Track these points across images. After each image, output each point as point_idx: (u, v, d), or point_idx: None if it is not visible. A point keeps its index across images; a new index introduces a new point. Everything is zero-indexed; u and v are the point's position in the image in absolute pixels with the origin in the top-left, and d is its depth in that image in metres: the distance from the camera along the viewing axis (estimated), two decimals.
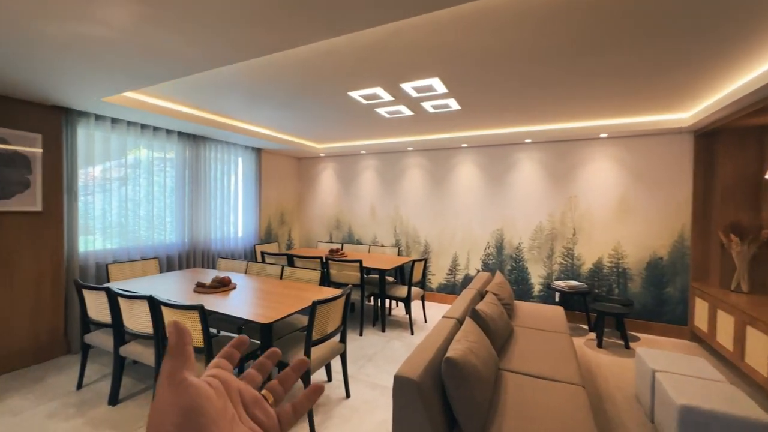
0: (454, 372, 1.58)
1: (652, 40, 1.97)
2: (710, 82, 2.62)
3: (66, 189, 3.13)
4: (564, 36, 1.92)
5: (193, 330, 2.02)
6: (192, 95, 3.10)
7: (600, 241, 4.12)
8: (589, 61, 2.25)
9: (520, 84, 2.67)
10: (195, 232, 4.21)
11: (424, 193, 5.16)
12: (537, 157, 4.43)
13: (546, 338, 2.72)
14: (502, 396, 1.87)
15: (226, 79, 2.67)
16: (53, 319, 3.02)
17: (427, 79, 2.58)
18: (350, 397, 2.51)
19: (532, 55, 2.16)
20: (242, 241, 4.95)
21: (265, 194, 5.49)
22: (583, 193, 4.19)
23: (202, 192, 4.31)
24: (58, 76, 2.32)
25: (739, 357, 2.76)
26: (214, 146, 4.48)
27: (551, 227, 4.37)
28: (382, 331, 3.82)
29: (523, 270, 4.52)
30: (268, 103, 3.28)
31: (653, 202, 3.87)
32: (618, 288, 4.04)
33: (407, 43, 2.03)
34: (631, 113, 3.45)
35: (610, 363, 3.15)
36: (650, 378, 2.29)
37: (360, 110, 3.44)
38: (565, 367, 2.21)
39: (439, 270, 5.04)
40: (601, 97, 2.99)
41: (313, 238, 6.14)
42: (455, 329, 2.18)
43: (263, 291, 2.73)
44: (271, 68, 2.43)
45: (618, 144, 4.02)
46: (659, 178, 3.84)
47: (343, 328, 2.50)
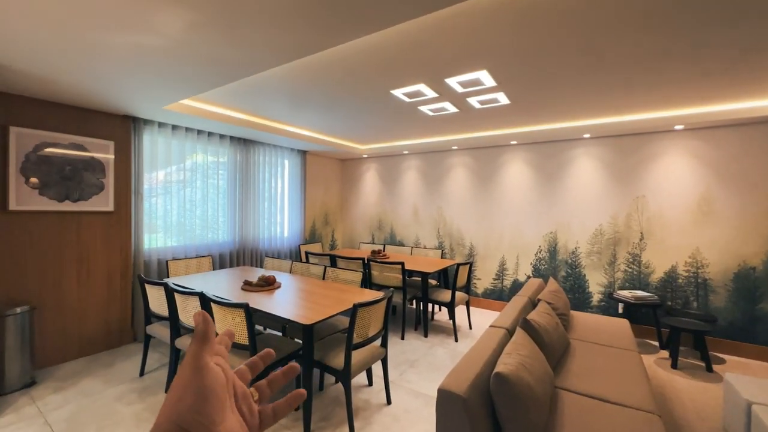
0: (504, 389, 1.44)
1: (746, 12, 1.65)
2: None
3: (133, 191, 3.42)
4: (635, 5, 1.68)
5: (238, 327, 2.08)
6: (241, 101, 3.23)
7: (674, 247, 3.63)
8: (664, 37, 1.96)
9: (578, 72, 2.42)
10: (244, 231, 4.41)
11: (469, 193, 4.95)
12: (596, 154, 4.04)
13: (609, 354, 2.43)
14: (560, 419, 1.67)
15: (270, 84, 2.74)
16: (122, 310, 3.31)
17: (474, 73, 2.43)
18: (391, 403, 2.44)
19: (594, 33, 1.93)
20: (288, 240, 5.10)
21: (310, 195, 5.63)
22: (653, 193, 3.73)
23: (251, 193, 4.51)
24: (125, 86, 2.53)
25: None
26: (262, 150, 4.67)
27: (614, 231, 3.94)
28: (425, 336, 3.69)
29: (579, 277, 4.14)
30: (312, 106, 3.33)
31: (741, 203, 3.33)
32: (697, 301, 3.53)
33: (452, 35, 1.91)
34: (712, 100, 2.99)
35: (689, 387, 2.75)
36: (745, 411, 1.94)
37: (403, 109, 3.36)
38: (636, 390, 1.94)
39: (485, 274, 4.80)
40: (677, 82, 2.61)
41: (356, 238, 6.18)
42: (505, 340, 2.01)
43: (306, 291, 2.75)
44: (313, 70, 2.44)
45: (696, 136, 3.52)
46: (748, 174, 3.30)
47: (384, 332, 2.43)
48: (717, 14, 1.69)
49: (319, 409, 2.36)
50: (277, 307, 2.32)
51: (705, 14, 1.69)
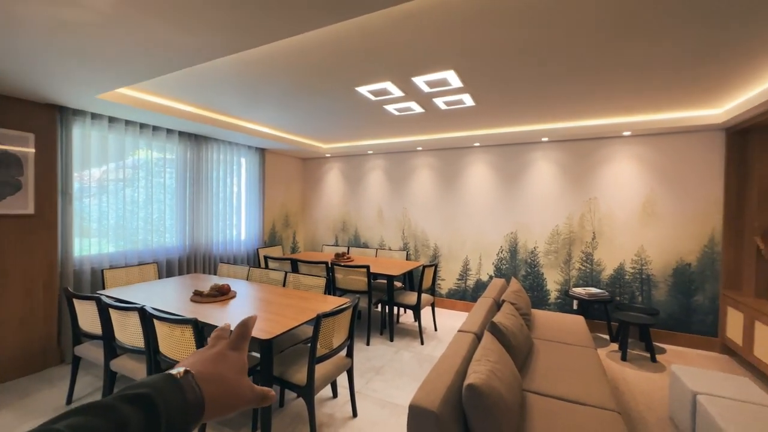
0: (477, 401, 1.38)
1: (686, 29, 1.75)
2: (747, 76, 2.38)
3: (61, 191, 2.99)
4: (589, 24, 1.72)
5: (186, 344, 1.85)
6: (192, 93, 2.94)
7: (622, 246, 3.87)
8: (614, 53, 2.04)
9: (540, 78, 2.46)
10: (196, 235, 4.06)
11: (433, 194, 4.96)
12: (554, 157, 4.21)
13: (570, 353, 2.51)
14: (529, 424, 1.66)
15: (225, 75, 2.50)
16: (45, 327, 2.88)
17: (441, 72, 2.38)
18: (357, 416, 2.32)
19: (554, 45, 1.95)
20: (245, 244, 4.79)
21: (269, 196, 5.33)
22: (604, 195, 3.96)
23: (204, 193, 4.16)
24: (47, 69, 2.17)
25: None
26: (217, 146, 4.33)
27: (569, 231, 4.13)
28: (391, 341, 3.62)
29: (538, 276, 4.29)
30: (271, 101, 3.11)
31: (680, 205, 3.62)
32: (642, 296, 3.79)
33: (421, 32, 1.84)
34: (657, 109, 3.22)
35: (638, 379, 2.92)
36: (690, 401, 2.07)
37: (368, 107, 3.25)
38: (597, 389, 1.99)
39: (449, 275, 4.83)
40: (625, 93, 2.76)
41: (319, 240, 5.97)
42: (473, 345, 1.98)
43: (264, 300, 2.55)
44: (275, 63, 2.26)
45: (642, 142, 3.78)
46: (687, 178, 3.60)
47: (350, 342, 2.31)
48: (659, 28, 1.77)
49: (279, 428, 2.19)
50: (231, 320, 2.11)
51: (650, 28, 1.76)
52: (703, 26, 1.76)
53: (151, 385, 0.36)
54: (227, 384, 0.42)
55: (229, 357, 0.44)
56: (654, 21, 1.72)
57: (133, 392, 0.35)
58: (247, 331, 0.48)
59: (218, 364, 0.43)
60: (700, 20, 1.71)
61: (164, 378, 0.38)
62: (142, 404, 0.34)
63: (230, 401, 0.42)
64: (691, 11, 1.63)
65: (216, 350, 0.45)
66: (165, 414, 0.35)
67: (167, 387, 0.37)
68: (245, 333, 0.47)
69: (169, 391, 0.36)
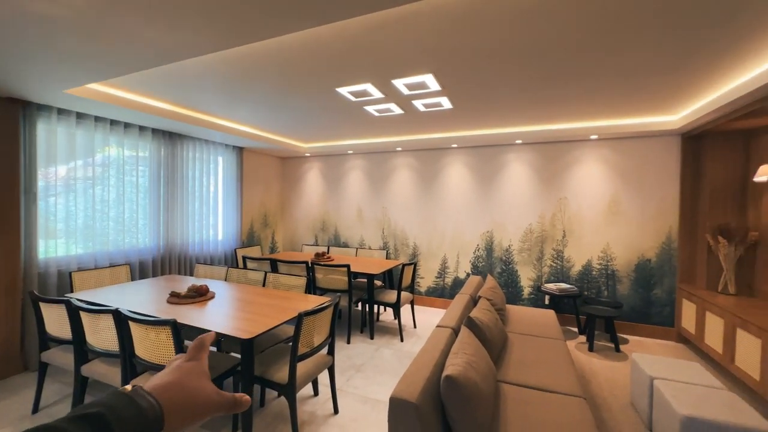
0: (455, 392, 1.46)
1: (646, 42, 1.90)
2: (700, 86, 2.60)
3: (23, 190, 2.84)
4: (561, 34, 1.83)
5: (163, 346, 1.82)
6: (167, 90, 2.87)
7: (589, 243, 4.10)
8: (584, 61, 2.18)
9: (514, 83, 2.58)
10: (171, 235, 3.95)
11: (412, 194, 5.04)
12: (527, 159, 4.39)
13: (541, 345, 2.64)
14: (503, 412, 1.76)
15: (204, 73, 2.47)
16: (7, 333, 2.73)
17: (420, 76, 2.45)
18: (338, 413, 2.36)
19: (528, 52, 2.07)
20: (222, 244, 4.70)
21: (247, 195, 5.25)
22: (573, 195, 4.17)
23: (179, 193, 4.05)
24: (11, 64, 2.07)
25: (729, 360, 2.76)
26: (192, 144, 4.23)
27: (541, 229, 4.33)
28: (371, 339, 3.67)
29: (513, 273, 4.47)
30: (251, 100, 3.08)
31: (641, 204, 3.88)
32: (607, 290, 4.03)
33: (400, 36, 1.89)
34: (620, 115, 3.43)
35: (603, 368, 3.11)
36: (648, 386, 2.24)
37: (348, 108, 3.28)
38: (565, 378, 2.12)
39: (428, 273, 4.94)
40: (592, 98, 2.94)
41: (298, 240, 5.93)
42: (451, 340, 2.06)
43: (244, 300, 2.54)
44: (254, 62, 2.25)
45: (607, 146, 4.01)
46: (647, 180, 3.85)
47: (331, 340, 2.34)
48: (623, 42, 1.91)
49: (260, 427, 2.19)
50: (210, 320, 2.09)
51: (615, 41, 1.90)
52: (662, 41, 1.91)
53: (102, 404, 0.35)
54: (187, 390, 0.41)
55: (184, 365, 0.44)
56: (620, 35, 1.85)
57: (82, 412, 0.33)
58: (202, 343, 0.48)
59: (173, 372, 0.43)
60: (659, 36, 1.86)
61: (114, 394, 0.37)
62: (93, 423, 0.33)
63: (194, 408, 0.41)
64: (651, 29, 1.77)
65: (171, 365, 0.45)
66: (120, 430, 0.33)
67: (119, 402, 0.35)
68: (201, 344, 0.47)
69: (122, 407, 0.35)
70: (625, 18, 1.69)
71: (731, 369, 2.74)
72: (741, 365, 2.63)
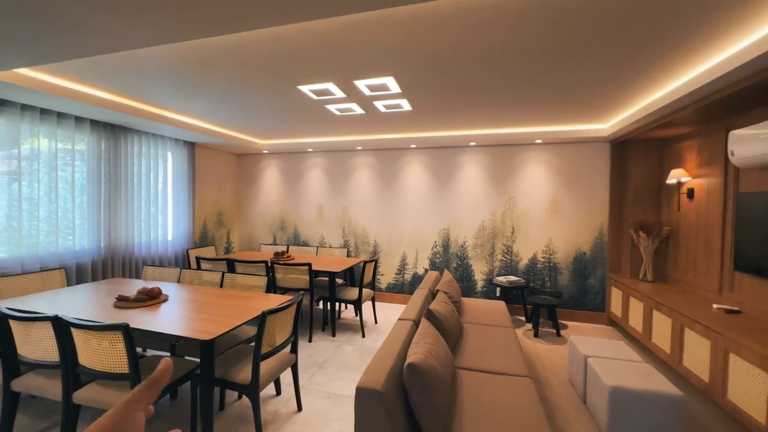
0: (416, 378, 1.56)
1: (586, 58, 2.15)
2: (627, 98, 2.97)
3: None
4: (511, 46, 2.01)
5: (115, 354, 1.72)
6: (109, 78, 2.66)
7: (535, 239, 4.47)
8: (531, 72, 2.40)
9: (469, 88, 2.76)
10: (114, 236, 3.65)
11: (373, 193, 5.13)
12: (480, 160, 4.66)
13: (493, 333, 2.86)
14: (460, 395, 1.90)
15: (155, 63, 2.33)
16: None
17: (381, 78, 2.53)
18: (302, 410, 2.37)
19: (481, 61, 2.23)
20: (173, 245, 4.43)
21: (200, 193, 4.99)
22: (521, 195, 4.52)
23: (123, 190, 3.76)
24: None
25: (647, 337, 3.19)
26: (138, 138, 3.93)
27: (493, 226, 4.63)
28: (333, 336, 3.70)
29: (467, 267, 4.73)
30: (206, 93, 2.96)
31: (578, 203, 4.31)
32: (550, 281, 4.42)
33: (365, 39, 1.95)
34: (561, 122, 3.79)
35: (546, 351, 3.43)
36: (583, 363, 2.53)
37: (310, 106, 3.27)
38: (513, 361, 2.33)
39: (388, 270, 5.06)
40: (537, 106, 3.22)
41: (255, 240, 5.75)
42: (412, 331, 2.17)
43: (201, 302, 2.45)
44: (212, 54, 2.18)
45: (550, 150, 4.40)
46: (582, 181, 4.29)
47: (294, 338, 2.34)
48: (566, 56, 2.14)
49: (221, 430, 2.14)
50: (165, 323, 2.00)
51: (560, 55, 2.13)
52: (596, 59, 2.17)
53: None
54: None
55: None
56: (563, 49, 2.07)
57: None
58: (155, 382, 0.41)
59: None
60: (595, 54, 2.11)
61: None
62: None
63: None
64: (587, 47, 2.01)
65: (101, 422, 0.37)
66: None
67: None
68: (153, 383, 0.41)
69: None
70: (570, 34, 1.90)
71: (649, 345, 3.17)
72: (656, 341, 3.06)
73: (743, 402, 2.09)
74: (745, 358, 2.08)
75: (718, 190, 2.97)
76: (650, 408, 2.03)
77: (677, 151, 3.59)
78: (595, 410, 2.28)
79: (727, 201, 2.87)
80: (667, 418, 2.00)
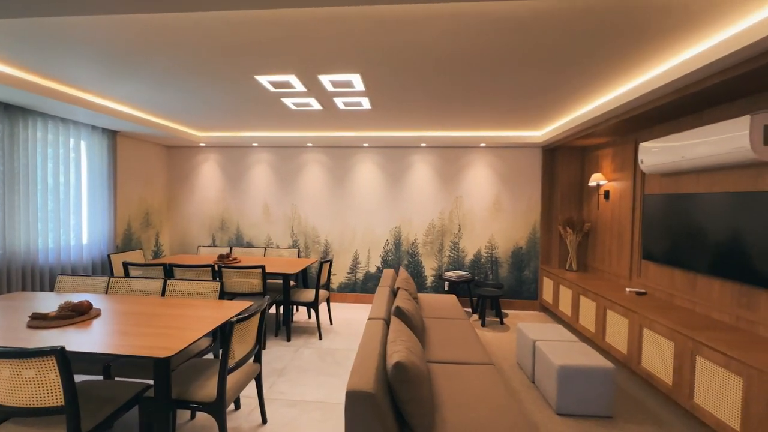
0: (404, 376, 1.57)
1: (529, 69, 2.38)
2: (559, 110, 3.35)
3: None
4: (470, 54, 2.14)
5: (46, 384, 1.42)
6: (12, 47, 2.17)
7: (479, 236, 4.81)
8: (483, 79, 2.57)
9: (426, 91, 2.84)
10: (10, 241, 2.99)
11: (323, 191, 5.00)
12: (430, 160, 4.85)
13: (450, 326, 3.01)
14: (436, 387, 1.97)
15: (78, 35, 1.96)
16: None
17: (347, 74, 2.48)
18: (267, 422, 2.23)
19: (440, 66, 2.32)
20: (89, 250, 3.78)
21: (123, 190, 4.34)
22: (467, 194, 4.82)
23: (21, 185, 3.09)
24: None
25: (575, 320, 3.67)
26: (43, 123, 3.27)
27: (441, 224, 4.86)
28: (288, 341, 3.53)
29: (418, 264, 4.90)
30: (142, 76, 2.58)
31: (515, 202, 4.75)
32: (492, 274, 4.80)
33: (336, 33, 1.90)
34: (503, 128, 4.13)
35: (493, 338, 3.73)
36: (531, 347, 2.81)
37: (263, 98, 3.07)
38: (475, 350, 2.49)
39: (340, 269, 4.99)
40: (483, 113, 3.46)
41: (191, 242, 5.21)
42: (384, 330, 2.18)
43: (144, 314, 2.14)
44: (156, 31, 1.91)
45: (492, 153, 4.76)
46: (519, 182, 4.74)
47: (258, 347, 2.19)
48: (510, 67, 2.35)
49: None
50: (106, 341, 1.71)
51: (505, 65, 2.32)
52: (538, 71, 2.41)
53: None
54: None
55: None
56: (508, 61, 2.25)
57: None
58: None
59: None
60: (537, 68, 2.33)
61: None
62: None
63: None
64: (531, 60, 2.22)
65: None
66: None
67: None
68: None
69: None
70: (516, 48, 2.07)
71: (577, 327, 3.63)
72: (582, 323, 3.53)
73: (655, 368, 2.53)
74: (656, 332, 2.52)
75: (628, 191, 3.53)
76: (589, 380, 2.34)
77: (596, 158, 4.17)
78: (544, 388, 2.55)
79: (636, 201, 3.43)
80: (603, 387, 2.33)
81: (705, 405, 2.10)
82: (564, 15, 1.67)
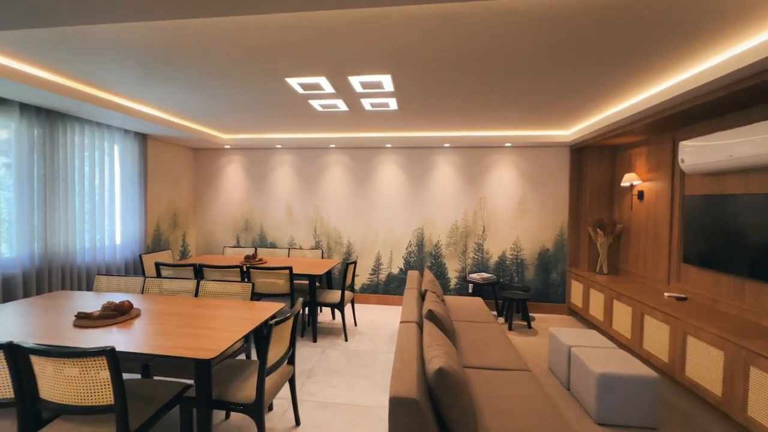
0: (446, 382, 1.54)
1: (563, 73, 2.30)
2: (589, 110, 3.23)
3: None
4: (504, 54, 2.08)
5: (97, 383, 1.45)
6: (53, 55, 2.24)
7: (504, 237, 4.71)
8: (514, 81, 2.50)
9: (456, 92, 2.79)
10: (51, 242, 3.10)
11: (346, 192, 5.01)
12: (453, 161, 4.79)
13: (480, 329, 2.95)
14: (474, 393, 1.92)
15: (118, 42, 2.01)
16: None
17: (378, 75, 2.46)
18: (300, 424, 2.23)
19: (468, 67, 2.27)
20: (122, 250, 3.90)
21: (153, 191, 4.46)
22: (491, 195, 4.73)
23: (61, 188, 3.20)
24: None
25: (609, 325, 3.54)
26: (80, 127, 3.38)
27: (465, 225, 4.79)
28: (314, 341, 3.54)
29: (441, 266, 4.84)
30: (174, 79, 2.63)
31: (542, 203, 4.63)
32: (518, 276, 4.70)
33: (368, 34, 1.87)
34: (530, 127, 4.03)
35: (522, 342, 3.64)
36: (566, 353, 2.72)
37: (291, 100, 3.08)
38: (509, 355, 2.42)
39: (363, 270, 4.98)
40: (509, 113, 3.38)
41: (216, 242, 5.30)
42: (419, 333, 2.15)
43: (181, 315, 2.18)
44: (194, 37, 1.93)
45: (517, 152, 4.66)
46: (546, 182, 4.62)
47: (292, 349, 2.19)
48: (542, 69, 2.27)
49: None
50: (149, 342, 1.74)
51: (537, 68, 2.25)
52: (572, 74, 2.33)
53: None
54: None
55: None
56: (538, 66, 2.18)
57: None
58: None
59: None
60: (571, 70, 2.25)
61: None
62: None
63: None
64: (565, 63, 2.14)
65: None
66: None
67: None
68: None
69: None
70: (545, 49, 2.01)
71: (610, 332, 3.51)
72: (617, 328, 3.40)
73: (701, 377, 2.40)
74: (702, 339, 2.40)
75: (666, 192, 3.39)
76: (631, 389, 2.24)
77: (628, 157, 4.02)
78: (581, 396, 2.46)
79: (674, 202, 3.28)
80: (645, 397, 2.23)
81: (761, 419, 1.98)
82: (604, 12, 1.60)
